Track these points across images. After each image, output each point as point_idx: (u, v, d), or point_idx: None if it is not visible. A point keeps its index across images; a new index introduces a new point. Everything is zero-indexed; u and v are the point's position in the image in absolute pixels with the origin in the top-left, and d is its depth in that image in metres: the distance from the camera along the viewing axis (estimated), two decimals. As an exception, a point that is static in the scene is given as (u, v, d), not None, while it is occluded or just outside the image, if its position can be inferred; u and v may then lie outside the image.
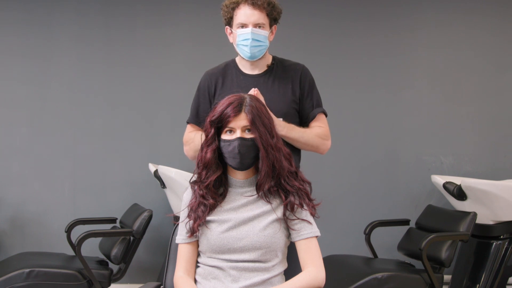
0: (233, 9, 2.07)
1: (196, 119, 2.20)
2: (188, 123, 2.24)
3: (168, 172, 3.28)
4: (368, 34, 3.83)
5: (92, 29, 3.82)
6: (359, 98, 3.83)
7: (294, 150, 2.14)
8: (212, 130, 1.67)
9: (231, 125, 1.64)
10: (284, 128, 2.04)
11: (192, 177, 1.74)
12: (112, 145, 3.81)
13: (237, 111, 1.64)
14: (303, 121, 2.19)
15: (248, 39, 2.04)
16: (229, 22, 2.11)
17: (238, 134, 1.64)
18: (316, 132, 2.15)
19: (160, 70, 3.82)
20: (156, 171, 3.43)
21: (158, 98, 3.81)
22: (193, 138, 2.13)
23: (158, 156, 3.75)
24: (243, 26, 2.06)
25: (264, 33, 2.06)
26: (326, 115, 2.24)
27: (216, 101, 2.11)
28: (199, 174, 1.71)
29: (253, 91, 1.93)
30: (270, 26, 2.11)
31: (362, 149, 3.82)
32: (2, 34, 3.80)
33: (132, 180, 3.78)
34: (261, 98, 1.90)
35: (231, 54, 2.27)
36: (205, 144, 1.69)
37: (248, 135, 1.65)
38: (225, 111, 1.64)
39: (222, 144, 1.66)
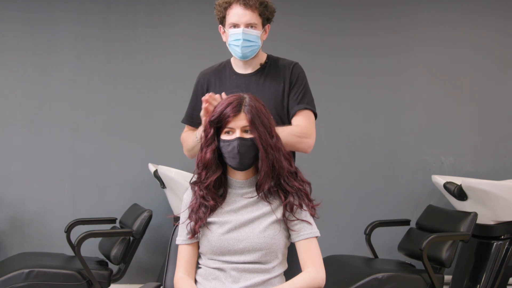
0: (226, 8, 2.06)
1: (190, 120, 2.20)
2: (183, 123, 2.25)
3: (168, 172, 3.28)
4: (367, 33, 3.82)
5: (92, 28, 3.81)
6: (358, 98, 3.83)
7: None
8: (212, 130, 1.66)
9: (231, 125, 1.64)
10: None
11: (192, 178, 1.73)
12: (112, 145, 3.81)
13: (237, 111, 1.63)
14: (289, 117, 2.10)
15: (239, 39, 2.03)
16: (222, 21, 2.10)
17: (237, 134, 1.64)
18: (291, 131, 2.02)
19: (160, 69, 3.82)
20: (156, 171, 3.42)
21: (158, 98, 3.81)
22: (186, 138, 2.14)
23: (158, 156, 3.75)
24: (235, 26, 2.04)
25: (256, 33, 2.04)
26: (314, 112, 2.11)
27: None
28: (199, 175, 1.70)
29: None
30: (263, 25, 2.09)
31: (362, 149, 3.81)
32: (2, 34, 3.79)
33: (132, 180, 3.78)
34: None
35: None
36: (205, 145, 1.68)
37: (247, 135, 1.64)
38: (224, 111, 1.64)
39: (221, 144, 1.66)
